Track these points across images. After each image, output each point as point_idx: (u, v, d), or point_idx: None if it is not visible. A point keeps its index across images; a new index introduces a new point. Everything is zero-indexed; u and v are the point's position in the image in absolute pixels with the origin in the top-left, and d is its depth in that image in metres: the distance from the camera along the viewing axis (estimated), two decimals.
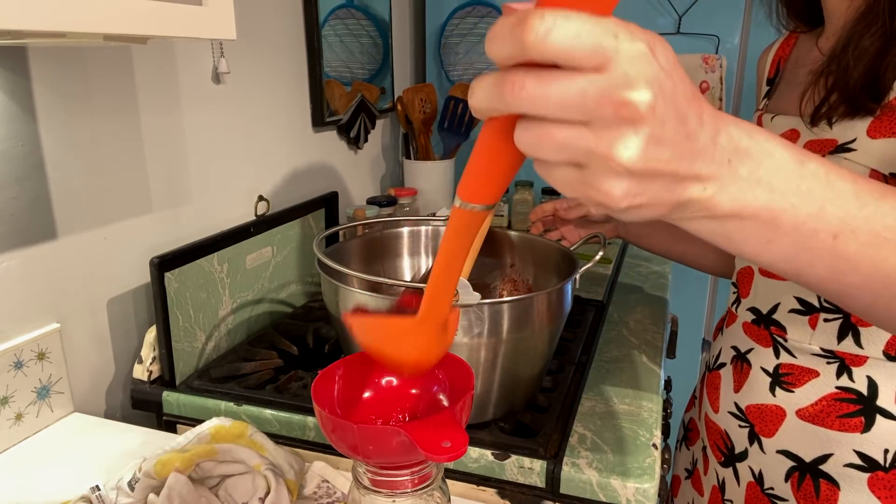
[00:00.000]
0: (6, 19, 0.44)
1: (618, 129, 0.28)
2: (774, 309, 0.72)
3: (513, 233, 0.96)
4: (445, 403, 0.54)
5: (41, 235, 0.78)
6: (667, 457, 0.81)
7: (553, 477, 0.68)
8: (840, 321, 0.66)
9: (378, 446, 0.45)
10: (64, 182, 0.80)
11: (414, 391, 0.56)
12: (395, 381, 0.56)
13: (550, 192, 1.62)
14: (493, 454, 0.70)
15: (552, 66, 0.27)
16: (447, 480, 0.54)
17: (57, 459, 0.73)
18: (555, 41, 0.26)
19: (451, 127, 1.54)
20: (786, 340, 0.71)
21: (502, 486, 0.71)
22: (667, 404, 0.98)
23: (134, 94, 0.89)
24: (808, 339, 0.68)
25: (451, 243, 0.40)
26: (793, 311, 0.70)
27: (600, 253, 0.78)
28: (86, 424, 0.81)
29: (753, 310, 0.75)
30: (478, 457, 0.71)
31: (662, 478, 0.71)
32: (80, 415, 0.82)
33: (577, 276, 0.77)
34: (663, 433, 0.81)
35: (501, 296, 0.92)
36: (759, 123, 0.77)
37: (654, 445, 0.72)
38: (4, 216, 0.74)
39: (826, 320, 0.67)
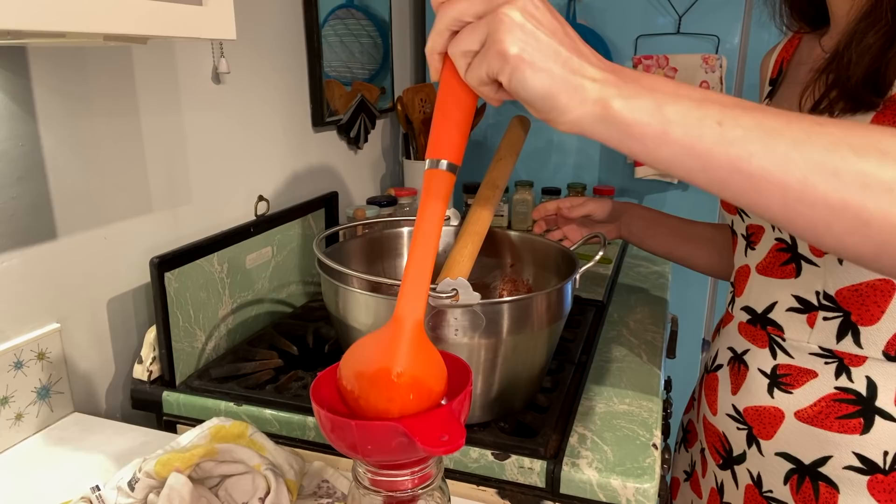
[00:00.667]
0: (6, 19, 0.44)
1: (502, 6, 0.40)
2: (771, 308, 0.72)
3: (513, 233, 0.96)
4: (444, 402, 0.54)
5: (41, 235, 0.78)
6: (667, 457, 0.80)
7: (553, 477, 0.68)
8: (840, 320, 0.66)
9: (377, 444, 0.45)
10: (64, 182, 0.80)
11: None
12: None
13: (550, 192, 1.62)
14: (493, 454, 0.71)
15: None
16: (447, 480, 0.54)
17: (57, 459, 0.73)
18: None
19: None
20: (784, 340, 0.70)
21: (502, 486, 0.71)
22: (667, 404, 0.98)
23: (134, 94, 0.89)
24: (806, 338, 0.68)
25: (426, 212, 0.47)
26: (791, 309, 0.69)
27: (600, 253, 0.78)
28: (86, 424, 0.81)
29: (748, 309, 0.75)
30: (478, 457, 0.71)
31: (662, 478, 0.71)
32: (80, 415, 0.82)
33: (577, 276, 0.77)
34: (663, 433, 0.81)
35: (501, 296, 0.92)
36: None
37: (654, 445, 0.72)
38: (4, 216, 0.74)
39: (825, 319, 0.66)
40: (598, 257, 0.77)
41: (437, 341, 0.69)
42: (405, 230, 0.99)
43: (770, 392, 0.71)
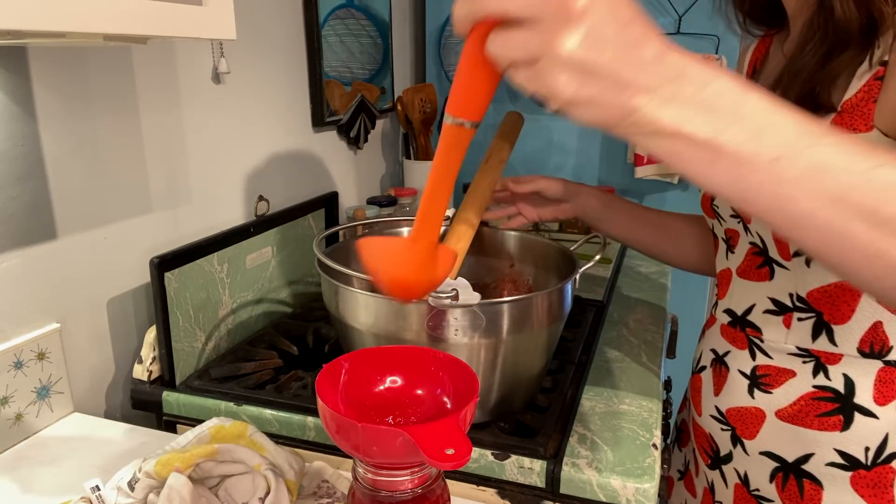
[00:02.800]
0: (6, 19, 0.44)
1: (560, 26, 0.34)
2: (749, 310, 0.72)
3: (513, 233, 0.96)
4: (449, 405, 0.54)
5: (41, 235, 0.78)
6: (667, 457, 0.80)
7: (553, 477, 0.68)
8: (813, 320, 0.66)
9: (382, 447, 0.45)
10: (64, 182, 0.80)
11: (419, 392, 0.56)
12: (399, 381, 0.56)
13: None
14: (493, 454, 0.70)
15: None
16: (447, 480, 0.54)
17: (57, 459, 0.73)
18: None
19: None
20: (762, 341, 0.71)
21: (502, 486, 0.71)
22: (666, 404, 0.98)
23: (134, 94, 0.89)
24: (783, 339, 0.69)
25: (441, 162, 0.45)
26: (767, 311, 0.70)
27: (599, 254, 0.78)
28: (86, 424, 0.81)
29: (729, 311, 0.76)
30: (478, 457, 0.71)
31: (662, 478, 0.71)
32: (80, 415, 0.82)
33: (577, 276, 0.77)
34: (663, 433, 0.81)
35: (501, 296, 0.92)
36: None
37: (654, 445, 0.72)
38: (4, 216, 0.73)
39: (800, 319, 0.67)
40: (597, 257, 0.77)
41: (437, 341, 0.69)
42: (405, 230, 0.99)
43: (750, 393, 0.72)
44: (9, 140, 0.73)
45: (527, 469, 0.69)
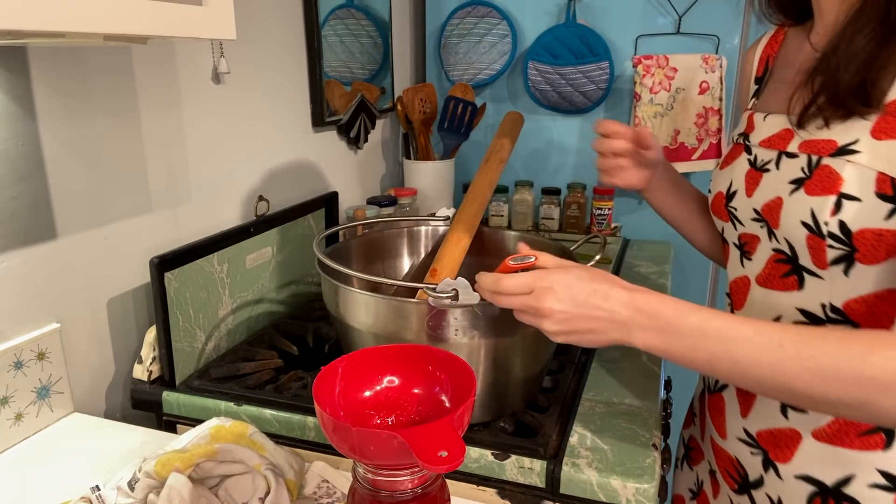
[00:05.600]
0: (6, 19, 0.44)
1: (540, 317, 0.61)
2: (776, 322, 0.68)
3: (513, 233, 0.96)
4: (447, 404, 0.54)
5: (41, 235, 0.78)
6: (667, 456, 0.80)
7: (553, 477, 0.68)
8: None
9: (378, 449, 0.46)
10: (64, 182, 0.80)
11: (416, 391, 0.56)
12: (396, 381, 0.56)
13: (550, 192, 1.62)
14: (493, 454, 0.71)
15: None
16: (447, 480, 0.54)
17: (57, 459, 0.73)
18: (506, 286, 0.63)
19: (451, 127, 1.54)
20: None
21: (502, 486, 0.71)
22: (667, 404, 0.98)
23: (134, 94, 0.89)
24: None
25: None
26: (796, 323, 0.65)
27: (599, 255, 0.78)
28: (86, 424, 0.81)
29: None
30: (478, 457, 0.71)
31: (662, 478, 0.71)
32: (80, 415, 0.82)
33: None
34: (663, 433, 0.81)
35: None
36: (750, 122, 0.72)
37: (654, 445, 0.72)
38: (4, 216, 0.74)
39: None
40: (598, 257, 0.77)
41: (437, 341, 0.69)
42: (405, 230, 0.99)
43: (783, 412, 0.67)
44: (9, 140, 0.73)
45: (527, 469, 0.69)
